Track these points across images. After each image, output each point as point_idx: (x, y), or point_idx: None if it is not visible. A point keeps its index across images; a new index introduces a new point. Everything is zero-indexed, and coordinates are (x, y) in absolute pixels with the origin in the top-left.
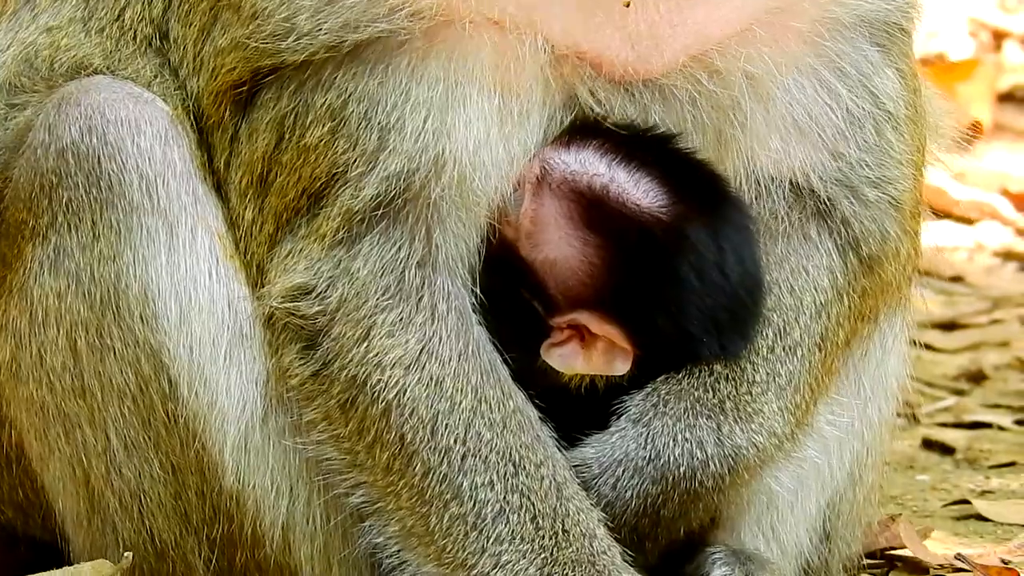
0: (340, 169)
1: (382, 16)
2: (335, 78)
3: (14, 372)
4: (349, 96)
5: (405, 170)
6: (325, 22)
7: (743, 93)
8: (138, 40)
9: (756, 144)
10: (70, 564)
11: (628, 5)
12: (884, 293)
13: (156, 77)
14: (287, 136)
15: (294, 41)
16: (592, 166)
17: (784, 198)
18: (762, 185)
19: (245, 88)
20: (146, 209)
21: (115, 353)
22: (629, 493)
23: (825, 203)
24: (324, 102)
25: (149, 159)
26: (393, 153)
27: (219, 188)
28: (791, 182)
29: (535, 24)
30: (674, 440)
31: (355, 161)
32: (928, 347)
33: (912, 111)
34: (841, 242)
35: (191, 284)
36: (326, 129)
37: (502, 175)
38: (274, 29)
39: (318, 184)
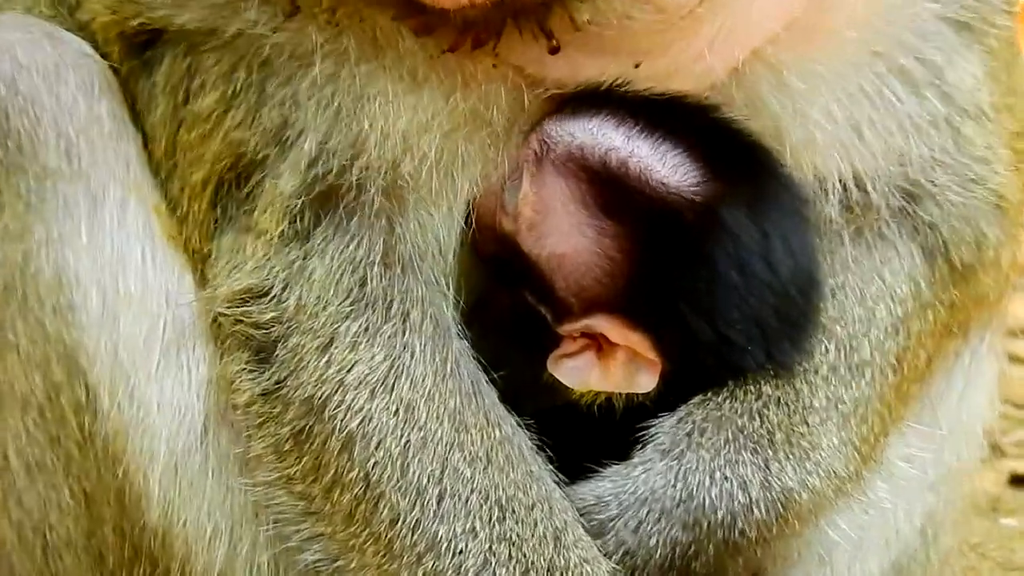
0: (243, 150)
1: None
2: (232, 43)
3: None
4: (242, 62)
5: (324, 152)
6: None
7: (784, 99)
8: None
9: (804, 152)
10: None
11: (638, 67)
12: (977, 306)
13: (55, 16)
14: (181, 104)
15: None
16: (606, 137)
17: (855, 193)
18: (830, 184)
19: (143, 41)
20: (64, 175)
21: (18, 352)
22: (654, 540)
23: (903, 202)
24: (214, 63)
25: (70, 114)
26: (303, 132)
27: None
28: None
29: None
30: (711, 478)
31: (260, 143)
32: (1014, 359)
33: (1005, 95)
34: (928, 245)
35: (119, 269)
36: (216, 97)
37: (463, 166)
38: None
39: (225, 166)
